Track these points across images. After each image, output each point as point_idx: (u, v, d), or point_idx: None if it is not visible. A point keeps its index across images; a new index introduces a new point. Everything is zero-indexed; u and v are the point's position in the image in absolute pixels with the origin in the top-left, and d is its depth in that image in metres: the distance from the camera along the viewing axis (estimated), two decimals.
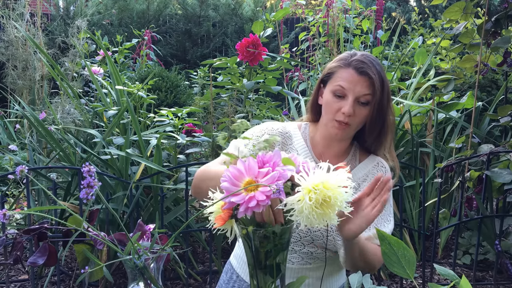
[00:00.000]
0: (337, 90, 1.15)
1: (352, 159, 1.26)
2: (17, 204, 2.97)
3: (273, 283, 0.84)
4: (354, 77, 1.13)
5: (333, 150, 1.24)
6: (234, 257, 1.36)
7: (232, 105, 2.59)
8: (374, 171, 1.25)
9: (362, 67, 1.13)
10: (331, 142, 1.23)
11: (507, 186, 2.30)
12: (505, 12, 2.41)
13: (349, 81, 1.14)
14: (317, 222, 0.76)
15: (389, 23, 6.39)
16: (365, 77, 1.13)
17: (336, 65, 1.18)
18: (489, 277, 2.50)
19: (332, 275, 1.28)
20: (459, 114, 2.87)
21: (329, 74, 1.20)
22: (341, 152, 1.25)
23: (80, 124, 2.72)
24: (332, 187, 0.75)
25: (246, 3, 6.57)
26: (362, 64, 1.14)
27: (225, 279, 1.34)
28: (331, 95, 1.16)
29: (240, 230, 0.83)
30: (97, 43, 3.48)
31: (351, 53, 1.18)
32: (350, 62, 1.15)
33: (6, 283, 2.06)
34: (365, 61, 1.14)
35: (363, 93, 1.13)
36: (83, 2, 5.64)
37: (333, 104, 1.16)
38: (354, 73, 1.14)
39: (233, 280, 1.31)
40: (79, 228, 0.84)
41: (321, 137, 1.24)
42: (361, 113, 1.15)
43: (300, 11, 3.72)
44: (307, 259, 1.22)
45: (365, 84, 1.13)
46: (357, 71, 1.13)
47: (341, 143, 1.24)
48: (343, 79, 1.14)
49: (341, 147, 1.24)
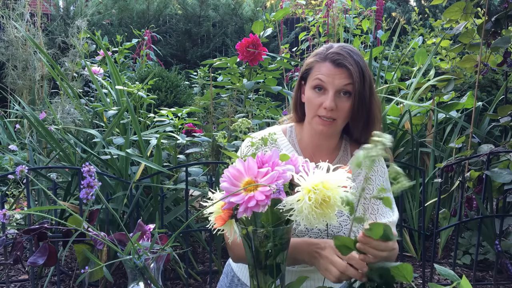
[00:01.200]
0: (317, 84, 1.14)
1: (344, 154, 1.24)
2: (17, 204, 2.96)
3: (273, 283, 0.84)
4: (331, 70, 1.12)
5: (324, 149, 1.22)
6: None
7: (232, 105, 2.59)
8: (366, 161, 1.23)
9: (338, 59, 1.12)
10: (319, 140, 1.21)
11: (507, 186, 2.29)
12: (505, 12, 2.41)
13: (327, 74, 1.12)
14: (316, 222, 0.76)
15: (389, 23, 6.39)
16: (343, 69, 1.12)
17: (313, 60, 1.17)
18: (489, 277, 2.50)
19: None
20: (459, 114, 2.87)
21: (307, 70, 1.18)
22: (331, 149, 1.23)
23: (80, 124, 2.72)
24: (332, 187, 0.75)
25: (246, 3, 6.57)
26: (338, 56, 1.12)
27: (226, 282, 1.33)
28: (311, 91, 1.15)
29: (240, 230, 0.83)
30: (97, 43, 3.48)
31: (328, 46, 1.17)
32: (326, 55, 1.14)
33: (6, 283, 2.06)
34: (341, 52, 1.13)
35: (342, 84, 1.12)
36: (83, 2, 5.64)
37: (314, 100, 1.14)
38: (331, 66, 1.12)
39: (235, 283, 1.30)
40: (79, 228, 0.84)
41: (308, 137, 1.23)
42: (344, 105, 1.13)
43: (300, 11, 3.72)
44: None
45: (343, 76, 1.12)
46: (333, 64, 1.12)
47: (330, 140, 1.22)
48: (321, 73, 1.13)
49: (331, 144, 1.22)
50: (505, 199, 2.37)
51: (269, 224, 0.82)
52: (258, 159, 0.80)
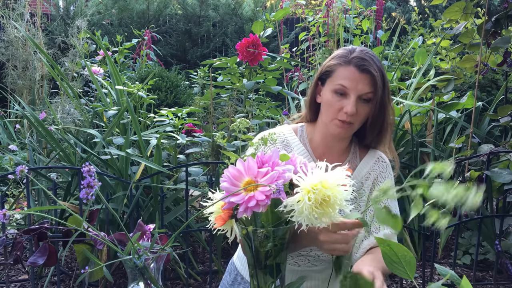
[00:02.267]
0: (339, 89, 1.11)
1: (353, 157, 1.24)
2: (17, 204, 2.96)
3: (273, 283, 0.84)
4: (355, 75, 1.09)
5: (334, 150, 1.22)
6: (237, 258, 1.34)
7: (232, 105, 2.59)
8: (376, 168, 1.23)
9: (364, 64, 1.09)
10: (332, 141, 1.20)
11: (507, 186, 2.29)
12: (505, 12, 2.41)
13: (351, 79, 1.09)
14: (318, 222, 0.76)
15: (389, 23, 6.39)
16: (367, 75, 1.09)
17: (335, 63, 1.14)
18: (489, 277, 2.50)
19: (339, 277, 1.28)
20: (459, 114, 2.87)
21: (327, 72, 1.15)
22: (342, 151, 1.23)
23: (80, 124, 2.72)
24: (331, 186, 0.75)
25: (246, 3, 6.57)
26: (363, 61, 1.09)
27: (229, 280, 1.33)
28: (331, 94, 1.13)
29: (240, 230, 0.83)
30: (97, 43, 3.48)
31: (350, 49, 1.14)
32: (350, 59, 1.11)
33: (6, 283, 2.06)
34: (366, 57, 1.10)
35: (365, 91, 1.10)
36: (83, 2, 5.64)
37: (335, 104, 1.12)
38: (356, 71, 1.09)
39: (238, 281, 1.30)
40: (79, 228, 0.84)
41: (321, 137, 1.21)
42: (363, 111, 1.12)
43: (300, 11, 3.72)
44: (313, 261, 1.21)
45: (366, 82, 1.09)
46: (358, 69, 1.09)
47: (341, 142, 1.21)
48: (344, 78, 1.10)
49: (342, 146, 1.22)
50: (505, 199, 2.37)
51: (269, 224, 0.82)
52: (258, 159, 0.80)
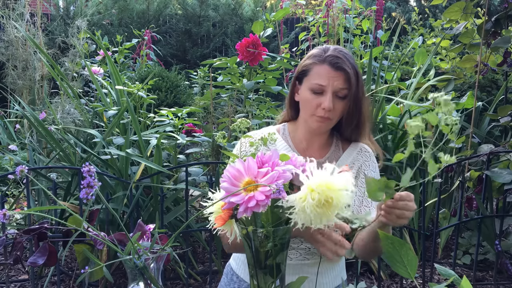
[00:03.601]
0: (315, 87, 1.17)
1: (336, 149, 1.30)
2: (17, 204, 2.97)
3: (273, 283, 0.84)
4: (330, 73, 1.15)
5: (316, 144, 1.28)
6: (233, 259, 1.37)
7: (232, 105, 2.59)
8: (359, 157, 1.29)
9: (337, 62, 1.15)
10: (312, 136, 1.26)
11: (507, 186, 2.29)
12: (505, 12, 2.41)
13: (326, 77, 1.16)
14: (315, 222, 0.76)
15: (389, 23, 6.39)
16: (341, 72, 1.15)
17: (311, 62, 1.20)
18: (489, 277, 2.50)
19: (332, 270, 1.28)
20: (459, 114, 2.87)
21: (304, 71, 1.22)
22: (323, 144, 1.29)
23: (80, 124, 2.72)
24: (336, 189, 0.75)
25: (246, 3, 6.57)
26: (337, 59, 1.16)
27: (226, 281, 1.35)
28: (309, 92, 1.19)
29: (240, 230, 0.83)
30: (97, 43, 3.48)
31: (324, 48, 1.20)
32: (324, 58, 1.17)
33: (6, 283, 2.06)
34: (340, 55, 1.16)
35: (340, 87, 1.16)
36: (83, 2, 5.64)
37: (312, 101, 1.18)
38: (330, 69, 1.16)
39: (234, 281, 1.32)
40: (79, 228, 0.84)
41: (302, 133, 1.27)
42: (339, 106, 1.18)
43: (300, 11, 3.72)
44: (305, 255, 1.23)
45: (341, 79, 1.15)
46: (333, 67, 1.15)
47: (322, 136, 1.27)
48: (320, 76, 1.16)
49: (323, 140, 1.28)
50: (505, 199, 2.37)
51: (269, 224, 0.82)
52: (258, 159, 0.80)
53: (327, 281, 1.27)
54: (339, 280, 1.30)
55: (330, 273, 1.28)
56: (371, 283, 2.41)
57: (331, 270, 1.28)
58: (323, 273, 1.26)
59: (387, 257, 0.76)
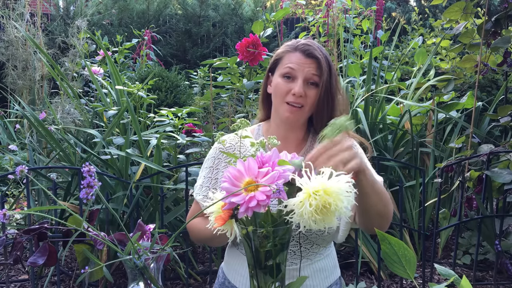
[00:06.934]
0: (287, 72, 1.18)
1: (310, 145, 1.27)
2: (17, 204, 2.97)
3: (273, 283, 0.84)
4: (301, 59, 1.18)
5: (290, 141, 1.25)
6: (225, 263, 1.36)
7: (232, 105, 2.60)
8: None
9: (308, 49, 1.18)
10: (286, 131, 1.24)
11: (507, 186, 2.30)
12: (505, 12, 2.41)
13: (298, 63, 1.18)
14: (316, 226, 0.76)
15: (389, 23, 6.39)
16: (312, 59, 1.18)
17: (283, 51, 1.23)
18: (489, 277, 2.50)
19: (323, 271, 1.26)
20: (459, 114, 2.87)
21: (276, 60, 1.24)
22: (298, 140, 1.26)
23: (80, 124, 2.72)
24: (334, 194, 0.75)
25: (246, 3, 6.57)
26: (308, 46, 1.19)
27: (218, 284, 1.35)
28: (280, 79, 1.20)
29: (240, 230, 0.83)
30: (97, 43, 3.48)
31: (297, 40, 1.24)
32: (296, 46, 1.20)
33: (6, 283, 2.06)
34: (311, 44, 1.20)
35: (311, 72, 1.17)
36: (83, 2, 5.64)
37: (283, 87, 1.18)
38: (301, 55, 1.18)
39: (226, 285, 1.31)
40: (79, 228, 0.84)
41: (275, 130, 1.26)
42: (311, 94, 1.18)
43: (300, 11, 3.72)
44: (291, 260, 1.21)
45: (312, 65, 1.17)
46: (304, 54, 1.18)
47: (297, 132, 1.25)
48: (292, 62, 1.18)
49: (298, 136, 1.26)
50: (505, 199, 2.37)
51: (269, 224, 0.82)
52: (258, 159, 0.80)
53: (317, 283, 1.25)
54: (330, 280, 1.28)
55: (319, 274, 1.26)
56: (371, 283, 2.41)
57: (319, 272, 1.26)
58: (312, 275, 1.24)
59: (384, 257, 0.76)
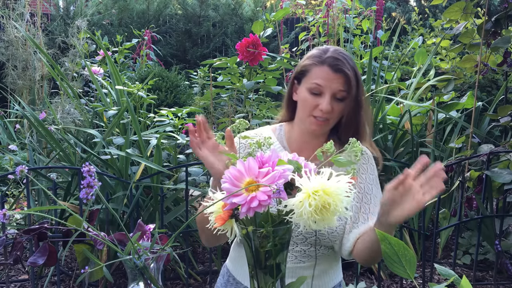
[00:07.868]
0: (314, 88, 1.15)
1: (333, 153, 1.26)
2: (17, 204, 2.96)
3: (273, 283, 0.84)
4: (329, 74, 1.14)
5: (310, 146, 1.24)
6: (229, 260, 1.36)
7: (232, 105, 2.59)
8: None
9: (337, 64, 1.14)
10: (308, 138, 1.23)
11: (507, 186, 2.30)
12: (505, 12, 2.41)
13: (325, 78, 1.14)
14: (316, 226, 0.76)
15: (389, 23, 6.39)
16: (341, 74, 1.13)
17: (310, 63, 1.18)
18: (489, 277, 2.50)
19: (328, 273, 1.27)
20: (459, 114, 2.87)
21: (303, 71, 1.20)
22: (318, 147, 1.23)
23: (80, 124, 2.72)
24: (333, 194, 0.75)
25: (246, 3, 6.56)
26: (337, 61, 1.14)
27: (222, 282, 1.35)
28: (307, 93, 1.17)
29: (240, 230, 0.83)
30: (97, 43, 3.48)
31: (324, 49, 1.18)
32: (324, 59, 1.15)
33: (6, 283, 2.06)
34: (339, 57, 1.14)
35: (339, 89, 1.14)
36: (83, 2, 5.64)
37: (310, 101, 1.16)
38: (329, 70, 1.14)
39: (230, 282, 1.31)
40: (79, 228, 0.84)
41: (298, 134, 1.25)
42: (338, 109, 1.16)
43: (300, 11, 3.72)
44: (300, 257, 1.22)
45: (340, 81, 1.14)
46: (332, 69, 1.14)
47: (319, 139, 1.23)
48: (319, 77, 1.14)
49: (319, 143, 1.23)
50: (505, 199, 2.37)
51: (269, 224, 0.82)
52: (258, 159, 0.80)
53: (322, 283, 1.26)
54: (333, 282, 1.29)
55: (325, 276, 1.27)
56: (371, 283, 2.41)
57: (325, 273, 1.26)
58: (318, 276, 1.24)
59: (384, 257, 0.76)
